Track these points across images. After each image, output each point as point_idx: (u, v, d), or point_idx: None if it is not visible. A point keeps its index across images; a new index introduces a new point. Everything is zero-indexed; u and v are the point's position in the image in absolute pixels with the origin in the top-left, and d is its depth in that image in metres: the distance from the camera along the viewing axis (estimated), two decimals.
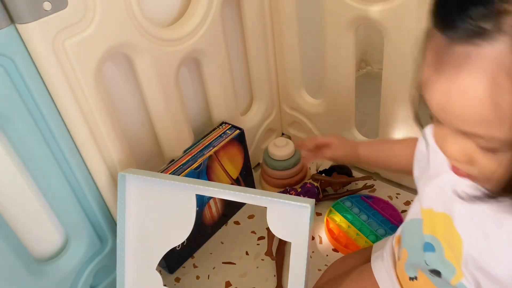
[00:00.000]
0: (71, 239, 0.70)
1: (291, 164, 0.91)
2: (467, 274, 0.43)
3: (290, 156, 0.90)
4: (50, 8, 0.51)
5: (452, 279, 0.45)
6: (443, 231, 0.45)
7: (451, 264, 0.44)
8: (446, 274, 0.45)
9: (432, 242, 0.47)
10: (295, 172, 0.92)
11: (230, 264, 0.81)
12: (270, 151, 0.91)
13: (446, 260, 0.45)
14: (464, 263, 0.42)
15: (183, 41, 0.71)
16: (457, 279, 0.44)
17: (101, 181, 0.68)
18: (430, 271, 0.48)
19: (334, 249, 0.81)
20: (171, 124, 0.77)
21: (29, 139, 0.58)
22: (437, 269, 0.47)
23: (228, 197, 0.60)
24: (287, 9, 0.86)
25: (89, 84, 0.60)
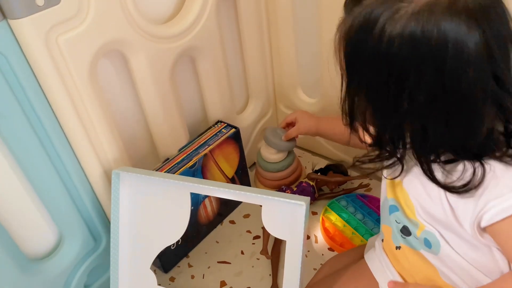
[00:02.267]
0: (64, 238, 0.69)
1: (285, 166, 0.90)
2: (424, 222, 0.50)
3: (283, 158, 0.89)
4: (43, 4, 0.51)
5: (417, 230, 0.51)
6: (399, 192, 0.53)
7: (413, 219, 0.52)
8: (412, 228, 0.52)
9: (394, 203, 0.55)
10: (289, 173, 0.91)
11: (225, 263, 0.81)
12: (263, 153, 0.90)
13: (408, 217, 0.53)
14: (417, 212, 0.51)
15: (178, 38, 0.71)
16: (421, 229, 0.51)
17: (95, 179, 0.67)
18: (401, 230, 0.54)
19: (329, 248, 0.81)
20: (166, 122, 0.76)
21: (22, 136, 0.57)
22: (405, 225, 0.54)
23: (222, 195, 0.60)
24: (283, 7, 0.86)
25: (83, 81, 0.59)
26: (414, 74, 0.39)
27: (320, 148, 1.02)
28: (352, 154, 0.95)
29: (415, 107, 0.40)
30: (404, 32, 0.38)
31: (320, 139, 0.99)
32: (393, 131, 0.44)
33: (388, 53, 0.39)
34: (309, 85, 1.01)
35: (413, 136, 0.43)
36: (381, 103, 0.43)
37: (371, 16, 0.40)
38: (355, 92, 0.45)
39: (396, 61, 0.39)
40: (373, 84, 0.42)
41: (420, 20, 0.38)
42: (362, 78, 0.43)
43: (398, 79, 0.40)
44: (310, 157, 1.03)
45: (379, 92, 0.42)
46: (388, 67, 0.40)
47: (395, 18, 0.39)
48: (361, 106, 0.44)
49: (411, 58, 0.39)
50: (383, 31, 0.39)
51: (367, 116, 0.45)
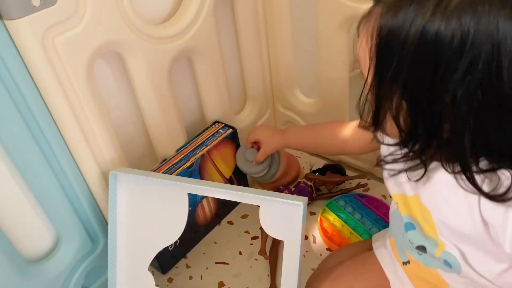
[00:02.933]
0: (62, 239, 0.69)
1: (271, 175, 0.85)
2: (446, 241, 0.48)
3: (265, 171, 0.85)
4: (39, 4, 0.50)
5: (436, 250, 0.49)
6: (417, 210, 0.50)
7: (432, 237, 0.49)
8: (430, 248, 0.50)
9: (411, 221, 0.52)
10: (280, 176, 0.88)
11: (223, 264, 0.81)
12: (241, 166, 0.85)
13: (427, 235, 0.50)
14: (439, 231, 0.48)
15: (175, 39, 0.71)
16: (441, 249, 0.49)
17: (92, 180, 0.67)
18: (417, 248, 0.52)
19: (328, 248, 0.81)
20: (163, 123, 0.76)
21: (18, 137, 0.57)
22: (422, 245, 0.51)
23: (220, 195, 0.60)
24: (280, 7, 0.86)
25: (80, 82, 0.59)
26: (464, 67, 0.35)
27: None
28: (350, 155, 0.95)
29: (464, 104, 0.36)
30: (455, 23, 0.34)
31: None
32: (430, 129, 0.40)
33: (435, 45, 0.35)
34: (307, 85, 1.01)
35: (455, 136, 0.38)
36: (421, 98, 0.38)
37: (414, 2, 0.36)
38: (388, 87, 0.40)
39: (444, 54, 0.35)
40: (414, 78, 0.38)
41: (477, 10, 0.34)
42: (400, 71, 0.38)
43: (445, 72, 0.36)
44: (308, 157, 1.03)
45: (420, 86, 0.38)
46: (435, 55, 0.36)
47: (448, 4, 0.35)
48: (394, 102, 0.40)
49: (463, 50, 0.35)
50: (428, 21, 0.35)
51: (401, 113, 0.40)
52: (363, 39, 0.41)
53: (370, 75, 0.41)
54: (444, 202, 0.45)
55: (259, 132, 0.81)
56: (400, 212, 0.53)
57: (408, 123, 0.41)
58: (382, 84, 0.40)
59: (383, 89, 0.40)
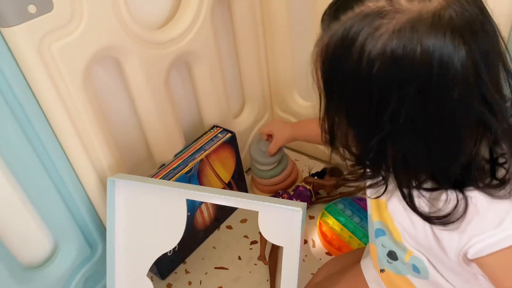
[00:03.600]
0: (60, 246, 0.68)
1: (278, 171, 0.89)
2: (411, 248, 0.48)
3: (275, 165, 0.88)
4: (35, 11, 0.50)
5: (405, 256, 0.50)
6: (386, 216, 0.51)
7: (400, 243, 0.49)
8: (400, 253, 0.50)
9: (381, 227, 0.52)
10: (283, 177, 0.90)
11: (222, 269, 0.81)
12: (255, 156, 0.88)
13: (396, 240, 0.50)
14: (403, 237, 0.48)
15: (173, 43, 0.70)
16: (409, 255, 0.49)
17: (90, 187, 0.67)
18: (388, 254, 0.53)
19: (327, 252, 0.81)
20: (161, 128, 0.76)
21: (15, 144, 0.57)
22: (392, 250, 0.52)
23: (219, 201, 0.60)
24: (278, 11, 0.86)
25: (77, 88, 0.59)
26: (395, 96, 0.36)
27: (316, 152, 1.01)
28: None
29: (396, 130, 0.38)
30: (385, 51, 0.35)
31: None
32: (375, 153, 0.41)
33: (368, 73, 0.37)
34: (305, 88, 1.00)
35: (394, 160, 0.40)
36: (362, 124, 0.41)
37: (350, 33, 0.37)
38: (334, 113, 0.42)
39: (377, 82, 0.37)
40: (353, 105, 0.40)
41: (402, 38, 0.35)
42: (341, 98, 0.40)
43: (379, 101, 0.37)
44: (306, 160, 1.03)
45: (359, 114, 0.40)
46: (368, 87, 0.37)
47: (376, 35, 0.36)
48: (341, 126, 0.42)
49: (393, 78, 0.36)
50: (362, 50, 0.36)
51: (349, 137, 0.42)
52: (313, 66, 0.43)
53: (322, 102, 0.43)
54: (404, 212, 0.46)
55: (272, 124, 0.87)
56: (372, 217, 0.54)
57: (357, 147, 0.43)
58: (330, 110, 0.43)
59: (331, 115, 0.43)
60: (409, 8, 0.35)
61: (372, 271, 0.60)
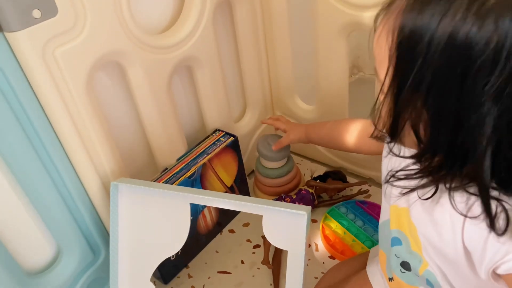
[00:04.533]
0: (63, 251, 0.68)
1: (284, 172, 0.90)
2: (429, 260, 0.46)
3: (282, 164, 0.89)
4: (40, 16, 0.50)
5: (419, 268, 0.48)
6: (406, 224, 0.48)
7: (417, 254, 0.47)
8: (414, 264, 0.49)
9: (398, 236, 0.50)
10: (288, 179, 0.91)
11: (225, 273, 0.80)
12: (262, 160, 0.90)
13: (413, 251, 0.48)
14: (424, 249, 0.46)
15: (175, 48, 0.71)
16: (424, 268, 0.47)
17: (93, 191, 0.66)
18: (401, 264, 0.51)
19: (330, 256, 0.81)
20: (164, 132, 0.76)
21: (19, 149, 0.56)
22: (406, 261, 0.50)
23: (222, 205, 0.60)
24: (279, 15, 0.86)
25: (80, 93, 0.59)
26: (500, 74, 0.30)
27: (318, 155, 1.01)
28: (351, 160, 0.95)
29: (493, 121, 0.32)
30: (494, 24, 0.30)
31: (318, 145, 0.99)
32: (451, 143, 0.35)
33: (468, 48, 0.31)
34: (306, 92, 1.01)
35: (479, 155, 0.34)
36: (447, 108, 0.34)
37: (444, 3, 0.31)
38: (408, 94, 0.35)
39: (478, 61, 0.31)
40: (440, 84, 0.33)
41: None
42: (423, 74, 0.33)
43: (477, 80, 0.31)
44: (308, 164, 1.03)
45: (446, 94, 0.33)
46: (465, 62, 0.31)
47: (485, 3, 0.30)
48: (415, 110, 0.36)
49: (500, 59, 0.30)
50: (464, 17, 0.30)
51: (420, 124, 0.36)
52: (382, 34, 0.36)
53: (387, 78, 0.36)
54: (430, 222, 0.43)
55: (287, 122, 0.85)
56: (390, 225, 0.51)
57: (429, 135, 0.36)
58: (401, 91, 0.36)
59: (403, 96, 0.36)
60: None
61: (380, 279, 0.59)
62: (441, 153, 0.37)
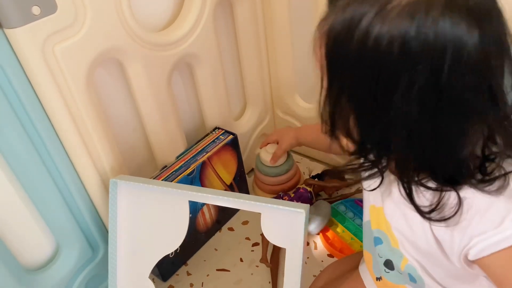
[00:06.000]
0: (61, 248, 0.68)
1: (284, 170, 0.90)
2: (407, 255, 0.47)
3: (282, 162, 0.89)
4: (39, 13, 0.50)
5: (401, 263, 0.49)
6: (383, 222, 0.49)
7: (397, 250, 0.48)
8: (396, 261, 0.50)
9: (379, 235, 0.51)
10: (288, 177, 0.91)
11: (224, 271, 0.80)
12: (262, 157, 0.89)
13: (393, 248, 0.49)
14: (401, 244, 0.47)
15: (175, 46, 0.71)
16: (404, 263, 0.48)
17: (92, 188, 0.67)
18: (384, 264, 0.52)
19: (329, 254, 0.81)
20: (163, 130, 0.76)
21: (18, 145, 0.57)
22: (389, 259, 0.51)
23: (221, 203, 0.60)
24: (279, 13, 0.86)
25: (79, 89, 0.59)
26: (404, 79, 0.34)
27: (317, 154, 1.01)
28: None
29: (404, 113, 0.35)
30: (395, 30, 0.33)
31: None
32: (377, 140, 0.39)
33: (375, 53, 0.34)
34: (306, 90, 1.01)
35: (397, 145, 0.38)
36: (365, 109, 0.38)
37: (357, 11, 0.35)
38: (336, 97, 0.40)
39: (384, 63, 0.34)
40: (357, 88, 0.37)
41: (415, 17, 0.32)
42: (345, 81, 0.38)
43: (386, 84, 0.35)
44: (307, 162, 1.03)
45: (363, 98, 0.37)
46: (374, 69, 0.35)
47: (385, 13, 0.34)
48: (343, 111, 0.40)
49: (402, 60, 0.34)
50: (370, 28, 0.34)
51: (350, 123, 0.40)
52: (316, 46, 0.41)
53: (324, 82, 0.40)
54: (401, 216, 0.45)
55: (275, 132, 0.89)
56: (371, 225, 0.52)
57: (358, 134, 0.40)
58: (331, 94, 0.40)
59: (333, 99, 0.40)
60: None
61: (369, 278, 0.60)
62: (372, 148, 0.41)
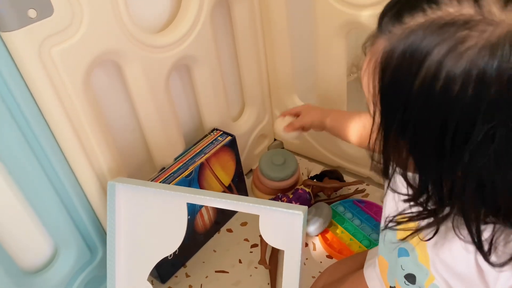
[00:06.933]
0: (60, 250, 0.68)
1: (289, 175, 0.89)
2: (437, 275, 0.44)
3: (294, 137, 0.82)
4: (35, 16, 0.50)
5: (425, 281, 0.46)
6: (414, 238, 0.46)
7: (424, 267, 0.46)
8: (420, 278, 0.47)
9: (406, 247, 0.48)
10: (292, 181, 0.91)
11: (223, 272, 0.80)
12: (277, 125, 0.82)
13: (420, 264, 0.46)
14: (432, 263, 0.44)
15: (173, 47, 0.70)
16: (430, 281, 0.46)
17: (90, 191, 0.66)
18: (405, 276, 0.49)
19: (328, 255, 0.81)
20: (161, 132, 0.76)
21: (15, 148, 0.56)
22: (412, 273, 0.48)
23: (219, 205, 0.60)
24: (278, 14, 0.86)
25: (77, 92, 0.59)
26: (481, 128, 0.30)
27: (315, 154, 1.01)
28: (348, 160, 0.95)
29: (477, 160, 0.31)
30: (472, 70, 0.29)
31: (315, 144, 0.99)
32: (441, 191, 0.35)
33: (447, 94, 0.30)
34: (305, 91, 1.01)
35: (466, 199, 0.34)
36: (430, 155, 0.33)
37: (422, 44, 0.30)
38: (394, 137, 0.35)
39: (458, 107, 0.30)
40: (421, 132, 0.33)
41: (496, 56, 0.28)
42: (406, 122, 0.33)
43: (457, 133, 0.31)
44: (305, 163, 1.03)
45: (428, 142, 0.33)
46: (444, 113, 0.31)
47: (459, 50, 0.29)
48: (401, 155, 0.35)
49: (480, 104, 0.29)
50: (440, 66, 0.30)
51: (410, 167, 0.36)
52: (365, 74, 0.36)
53: (376, 118, 0.36)
54: (442, 239, 0.42)
55: (302, 106, 0.81)
56: (396, 235, 0.49)
57: (419, 181, 0.36)
58: (387, 135, 0.35)
59: (389, 140, 0.36)
60: (504, 20, 0.29)
61: (377, 284, 0.59)
62: (432, 197, 0.36)
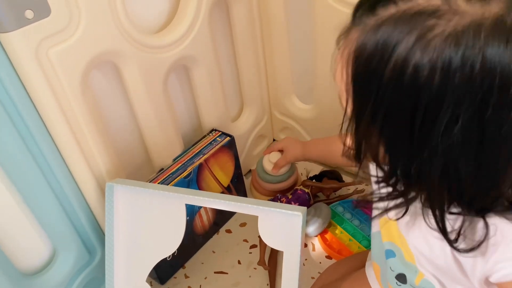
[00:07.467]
0: (58, 251, 0.68)
1: (286, 177, 0.89)
2: (424, 270, 0.46)
3: (284, 172, 0.88)
4: (33, 17, 0.50)
5: (415, 279, 0.47)
6: (396, 235, 0.48)
7: (412, 265, 0.47)
8: (410, 276, 0.48)
9: (391, 248, 0.49)
10: (290, 183, 0.91)
11: (222, 273, 0.80)
12: (265, 165, 0.88)
13: (407, 262, 0.47)
14: (417, 260, 0.46)
15: (171, 48, 0.70)
16: (420, 278, 0.47)
17: (88, 192, 0.66)
18: (396, 277, 0.50)
19: (327, 255, 0.81)
20: (160, 132, 0.75)
21: (12, 150, 0.56)
22: (402, 273, 0.49)
23: (218, 206, 0.60)
24: (276, 14, 0.86)
25: (75, 93, 0.58)
26: (446, 113, 0.31)
27: None
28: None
29: (442, 150, 0.33)
30: (438, 57, 0.30)
31: None
32: (410, 172, 0.36)
33: (415, 82, 0.31)
34: (304, 91, 1.01)
35: (433, 182, 0.35)
36: (399, 141, 0.35)
37: (393, 34, 0.32)
38: (365, 123, 0.36)
39: (426, 93, 0.31)
40: (391, 120, 0.34)
41: (461, 44, 0.30)
42: (377, 110, 0.34)
43: (425, 117, 0.32)
44: (304, 164, 1.02)
45: (398, 130, 0.34)
46: (413, 99, 0.32)
47: (427, 39, 0.31)
48: (372, 140, 0.37)
49: (446, 90, 0.31)
50: (409, 55, 0.31)
51: (380, 152, 0.37)
52: (339, 65, 0.37)
53: (348, 108, 0.38)
54: (419, 234, 0.44)
55: (283, 141, 0.87)
56: (382, 238, 0.51)
57: (389, 163, 0.38)
58: (359, 121, 0.37)
59: (361, 127, 0.37)
60: (468, 11, 0.30)
61: (376, 282, 0.59)
62: (401, 179, 0.38)
